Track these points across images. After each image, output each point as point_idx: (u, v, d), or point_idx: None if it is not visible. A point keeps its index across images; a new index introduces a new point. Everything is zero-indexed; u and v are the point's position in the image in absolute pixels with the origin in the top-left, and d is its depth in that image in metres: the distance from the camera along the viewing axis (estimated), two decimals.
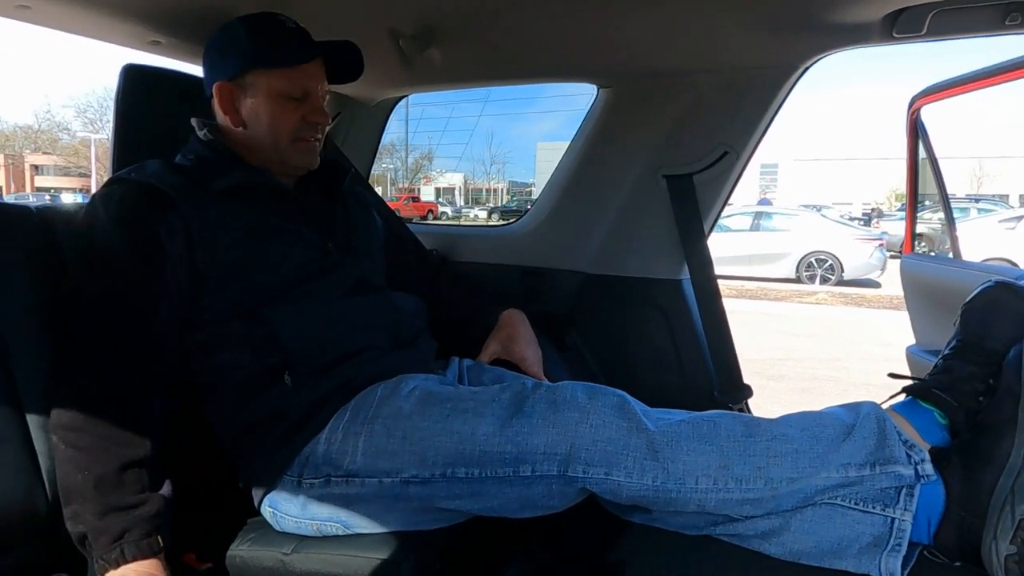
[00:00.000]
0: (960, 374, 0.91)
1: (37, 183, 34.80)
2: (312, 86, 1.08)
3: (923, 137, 2.16)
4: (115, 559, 0.83)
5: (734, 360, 1.51)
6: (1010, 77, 1.64)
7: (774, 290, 9.20)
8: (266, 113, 1.07)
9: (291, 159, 1.10)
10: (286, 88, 1.06)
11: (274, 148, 1.08)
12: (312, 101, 1.09)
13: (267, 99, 1.06)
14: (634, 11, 1.13)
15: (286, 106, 1.07)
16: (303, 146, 1.09)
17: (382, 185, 24.30)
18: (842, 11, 1.09)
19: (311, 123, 1.09)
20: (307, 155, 1.11)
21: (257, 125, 1.08)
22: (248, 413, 0.98)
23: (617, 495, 0.87)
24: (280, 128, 1.07)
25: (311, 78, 1.08)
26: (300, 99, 1.08)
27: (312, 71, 1.08)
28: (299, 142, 1.09)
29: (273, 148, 1.08)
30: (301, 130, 1.08)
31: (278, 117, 1.07)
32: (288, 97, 1.07)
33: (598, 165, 1.61)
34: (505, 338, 1.25)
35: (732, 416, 0.91)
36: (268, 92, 1.06)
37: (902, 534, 0.84)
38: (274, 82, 1.06)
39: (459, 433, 0.89)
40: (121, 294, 0.92)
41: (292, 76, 1.06)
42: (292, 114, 1.07)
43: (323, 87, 1.11)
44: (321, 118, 1.09)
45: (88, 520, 0.84)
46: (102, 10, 1.17)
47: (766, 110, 1.39)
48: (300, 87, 1.07)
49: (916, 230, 2.45)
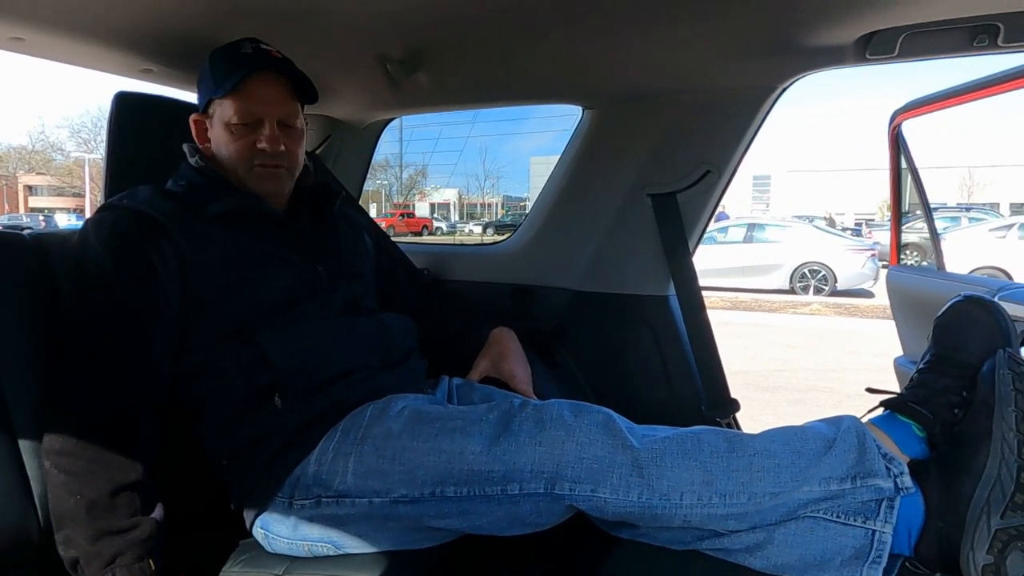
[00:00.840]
0: (935, 387, 0.92)
1: (31, 203, 34.71)
2: (263, 111, 1.07)
3: (905, 151, 2.19)
4: None
5: (721, 375, 1.52)
6: (986, 93, 1.68)
7: (768, 301, 9.23)
8: (222, 142, 1.09)
9: (253, 186, 1.10)
10: (235, 115, 1.07)
11: (235, 175, 1.10)
12: (265, 128, 1.07)
13: (222, 127, 1.08)
14: (616, 36, 1.16)
15: (238, 133, 1.07)
16: (260, 172, 1.09)
17: (377, 201, 24.35)
18: (816, 34, 1.12)
19: (262, 151, 1.07)
20: (266, 181, 1.10)
21: (219, 152, 1.10)
22: (239, 435, 0.99)
23: (603, 512, 0.88)
24: (234, 156, 1.08)
25: (259, 103, 1.07)
26: (251, 125, 1.07)
27: (262, 95, 1.07)
28: (256, 168, 1.09)
29: (235, 175, 1.10)
30: (255, 157, 1.08)
31: (230, 145, 1.08)
32: (240, 124, 1.07)
33: (584, 184, 1.63)
34: (495, 356, 1.26)
35: (715, 432, 0.92)
36: (221, 120, 1.08)
37: (883, 546, 0.85)
38: (225, 110, 1.07)
39: (448, 452, 0.90)
40: (113, 319, 0.94)
41: (240, 103, 1.06)
42: (243, 140, 1.07)
43: (282, 111, 1.09)
44: (271, 144, 1.07)
45: (80, 545, 0.85)
46: (95, 40, 1.19)
47: (746, 129, 1.42)
48: (248, 113, 1.07)
49: (904, 241, 2.48)
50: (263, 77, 1.07)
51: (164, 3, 1.04)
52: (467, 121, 27.23)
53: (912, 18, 1.04)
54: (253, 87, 1.06)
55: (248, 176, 1.09)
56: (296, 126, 1.13)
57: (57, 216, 25.73)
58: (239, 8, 1.07)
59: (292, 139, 1.11)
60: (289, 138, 1.10)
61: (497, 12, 1.06)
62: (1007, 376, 0.85)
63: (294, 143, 1.12)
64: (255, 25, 1.13)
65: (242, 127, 1.07)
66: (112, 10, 1.07)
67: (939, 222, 12.73)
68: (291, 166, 1.13)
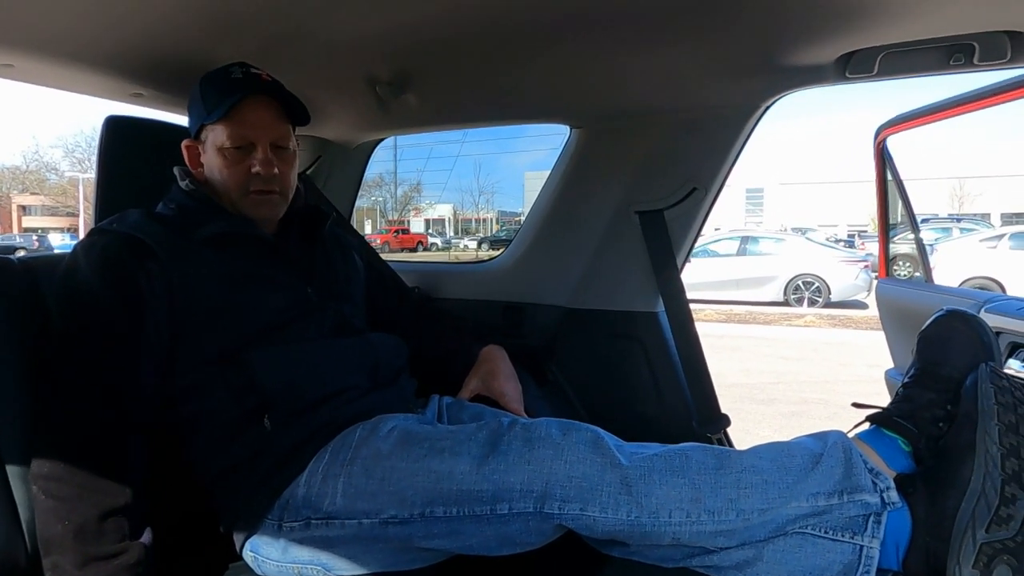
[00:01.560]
0: (920, 401, 0.93)
1: (25, 223, 34.67)
2: (256, 135, 1.08)
3: (890, 164, 2.22)
4: None
5: (711, 390, 1.53)
6: (967, 109, 1.71)
7: (763, 314, 9.26)
8: (216, 167, 1.09)
9: (247, 211, 1.10)
10: (228, 139, 1.07)
11: (229, 200, 1.10)
12: (258, 152, 1.08)
13: (215, 152, 1.08)
14: (602, 57, 1.18)
15: (232, 158, 1.08)
16: (255, 199, 1.10)
17: (372, 218, 24.39)
18: (798, 54, 1.14)
19: (256, 176, 1.08)
20: (260, 207, 1.11)
21: (212, 177, 1.11)
22: (228, 456, 0.98)
23: (593, 530, 0.88)
24: (228, 181, 1.09)
25: (252, 127, 1.07)
26: (244, 149, 1.08)
27: (253, 119, 1.07)
28: (251, 195, 1.09)
29: (228, 201, 1.10)
30: (250, 183, 1.08)
31: (224, 170, 1.08)
32: (233, 148, 1.07)
33: (573, 202, 1.65)
34: (485, 374, 1.26)
35: (703, 448, 0.92)
36: (214, 145, 1.08)
37: (871, 561, 0.85)
38: (217, 135, 1.08)
39: (437, 472, 0.90)
40: (101, 341, 0.94)
41: (232, 128, 1.07)
42: (238, 166, 1.08)
43: (274, 134, 1.09)
44: (264, 168, 1.07)
45: (68, 571, 0.84)
46: (85, 66, 1.20)
47: (732, 147, 1.44)
48: (240, 137, 1.07)
49: (897, 253, 2.50)
50: (255, 101, 1.08)
51: (153, 28, 1.05)
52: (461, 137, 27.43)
53: (890, 38, 1.06)
54: (245, 112, 1.07)
55: (243, 202, 1.10)
56: (289, 148, 1.13)
57: (51, 236, 25.67)
58: (228, 32, 1.09)
59: (285, 162, 1.12)
60: (282, 161, 1.11)
61: (484, 34, 1.08)
62: (989, 390, 0.86)
63: (287, 166, 1.12)
64: (244, 48, 1.15)
65: (235, 151, 1.07)
66: (102, 36, 1.08)
67: (931, 233, 12.84)
68: (284, 190, 1.13)
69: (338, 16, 1.02)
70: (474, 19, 1.01)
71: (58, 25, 1.02)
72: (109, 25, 1.03)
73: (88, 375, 0.92)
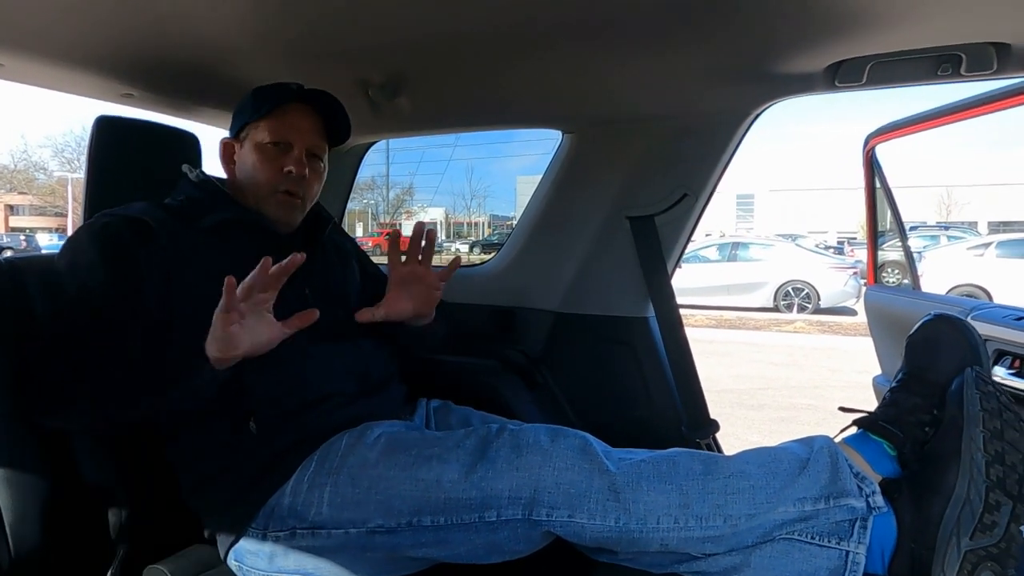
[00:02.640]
0: (906, 406, 0.94)
1: (12, 223, 34.34)
2: (295, 137, 1.12)
3: (879, 173, 2.24)
4: None
5: (700, 395, 1.53)
6: (955, 118, 1.73)
7: (752, 319, 9.30)
8: (249, 162, 1.12)
9: (268, 210, 1.12)
10: (268, 136, 1.11)
11: (254, 196, 1.12)
12: (294, 152, 1.11)
13: (252, 148, 1.12)
14: (594, 63, 1.18)
15: (268, 154, 1.11)
16: (281, 199, 1.12)
17: (363, 221, 24.31)
18: (787, 63, 1.15)
19: (288, 175, 1.10)
20: (282, 209, 1.13)
21: (243, 172, 1.13)
22: (213, 460, 0.98)
23: (581, 537, 0.88)
24: (260, 175, 1.11)
25: (294, 129, 1.12)
26: (282, 147, 1.11)
27: (296, 122, 1.12)
28: (277, 195, 1.11)
29: (254, 196, 1.12)
30: (281, 183, 1.11)
31: (259, 164, 1.11)
32: (271, 144, 1.11)
33: (564, 208, 1.65)
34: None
35: (691, 454, 0.93)
36: (253, 141, 1.12)
37: (856, 566, 0.86)
38: (259, 132, 1.12)
39: (424, 481, 0.90)
40: (97, 309, 0.94)
41: (275, 125, 1.11)
42: (273, 163, 1.11)
43: (312, 142, 1.14)
44: (297, 168, 1.10)
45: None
46: (75, 66, 1.20)
47: (722, 154, 1.45)
48: (280, 135, 1.11)
49: (886, 260, 2.52)
50: (302, 107, 1.14)
51: (144, 29, 1.05)
52: (453, 141, 27.46)
53: (879, 48, 1.07)
54: (291, 114, 1.12)
55: (268, 200, 1.12)
56: (321, 161, 1.17)
57: (39, 236, 25.42)
58: (219, 34, 1.08)
59: (315, 172, 1.16)
60: (312, 171, 1.14)
61: (477, 39, 1.08)
62: (975, 396, 0.86)
63: (315, 176, 1.16)
64: (236, 50, 1.15)
65: (273, 148, 1.11)
66: (92, 36, 1.08)
67: (919, 241, 12.95)
68: (307, 199, 1.16)
69: (331, 19, 1.02)
70: (467, 23, 1.02)
71: (49, 25, 1.02)
72: (100, 25, 1.03)
73: (82, 336, 0.91)
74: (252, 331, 0.88)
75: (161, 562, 0.97)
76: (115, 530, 1.03)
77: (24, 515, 0.94)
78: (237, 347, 0.86)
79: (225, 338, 0.86)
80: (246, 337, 0.87)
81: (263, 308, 0.88)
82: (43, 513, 0.96)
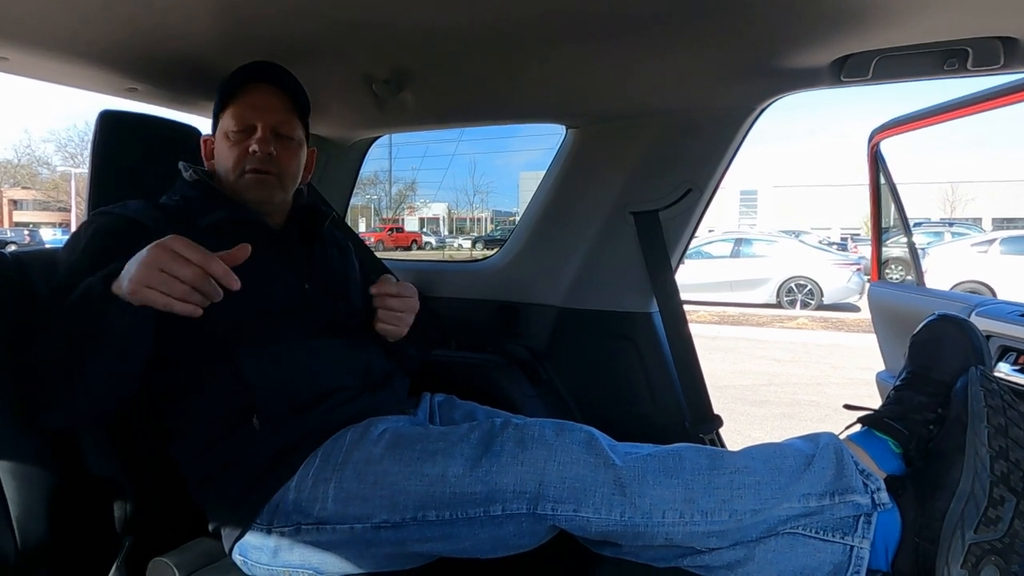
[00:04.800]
0: (911, 404, 0.94)
1: (15, 218, 34.41)
2: (257, 117, 1.12)
3: (884, 168, 2.24)
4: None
5: (704, 391, 1.54)
6: (960, 114, 1.72)
7: (755, 315, 9.29)
8: (220, 151, 1.13)
9: (244, 193, 1.12)
10: (233, 123, 1.12)
11: (230, 185, 1.12)
12: (258, 132, 1.11)
13: (222, 137, 1.13)
14: (599, 57, 1.18)
15: (234, 139, 1.12)
16: (250, 179, 1.11)
17: (366, 216, 24.33)
18: (793, 57, 1.14)
19: (253, 155, 1.10)
20: (255, 188, 1.12)
21: (218, 164, 1.14)
22: (216, 456, 0.98)
23: (586, 531, 0.88)
24: (228, 163, 1.12)
25: (255, 110, 1.12)
26: (246, 131, 1.12)
27: (257, 103, 1.12)
28: (247, 175, 1.11)
29: (229, 185, 1.13)
30: (247, 162, 1.11)
31: (226, 152, 1.12)
32: (236, 131, 1.11)
33: (568, 202, 1.65)
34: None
35: (697, 449, 0.93)
36: (222, 131, 1.13)
37: (861, 562, 0.86)
38: (225, 120, 1.13)
39: (429, 476, 0.90)
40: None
41: (237, 111, 1.12)
42: (238, 147, 1.11)
43: (277, 119, 1.13)
44: (261, 147, 1.10)
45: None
46: (80, 60, 1.20)
47: (726, 149, 1.45)
48: (244, 120, 1.12)
49: (888, 256, 2.51)
50: (260, 87, 1.13)
51: (149, 23, 1.05)
52: (455, 136, 27.43)
53: (885, 42, 1.07)
54: (249, 95, 1.12)
55: (239, 183, 1.12)
56: (293, 137, 1.16)
57: (42, 231, 25.49)
58: (223, 28, 1.09)
59: (286, 149, 1.14)
60: (283, 147, 1.13)
61: (482, 33, 1.08)
62: (979, 393, 0.86)
63: (288, 154, 1.15)
64: (240, 44, 1.15)
65: (238, 134, 1.12)
66: (97, 30, 1.08)
67: (923, 237, 12.91)
68: (282, 174, 1.14)
69: (336, 13, 1.02)
70: (472, 18, 1.01)
71: (53, 19, 1.02)
72: (105, 19, 1.03)
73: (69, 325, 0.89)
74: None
75: (166, 555, 0.97)
76: (120, 523, 1.04)
77: (30, 508, 0.95)
78: (148, 292, 0.83)
79: (150, 277, 0.83)
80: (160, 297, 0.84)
81: (191, 289, 0.85)
82: (49, 506, 0.97)
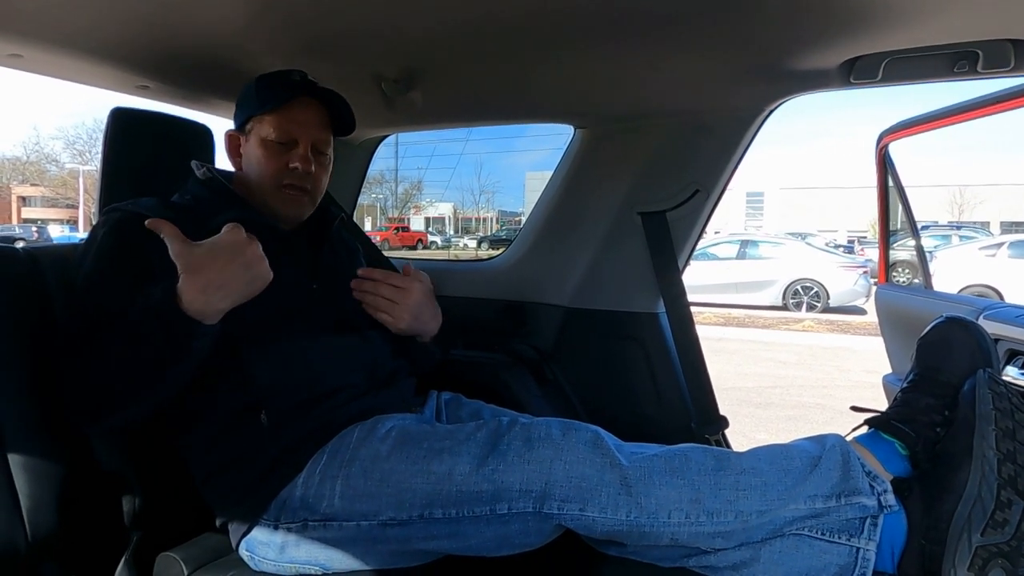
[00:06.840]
0: (918, 406, 0.93)
1: (24, 215, 34.62)
2: (300, 133, 1.12)
3: (892, 171, 2.23)
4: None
5: (710, 392, 1.53)
6: (969, 116, 1.72)
7: (761, 318, 9.27)
8: (255, 157, 1.13)
9: (274, 205, 1.13)
10: (273, 132, 1.11)
11: (260, 192, 1.13)
12: (299, 148, 1.12)
13: (258, 143, 1.12)
14: (608, 58, 1.18)
15: (273, 150, 1.11)
16: (286, 195, 1.13)
17: (372, 215, 24.36)
18: (802, 59, 1.14)
19: (294, 171, 1.11)
20: (289, 205, 1.14)
21: (249, 168, 1.14)
22: (224, 452, 0.99)
23: (592, 530, 0.89)
24: (265, 172, 1.12)
25: (299, 125, 1.12)
26: (287, 145, 1.12)
27: (301, 118, 1.12)
28: (283, 190, 1.12)
29: (260, 191, 1.13)
30: (284, 177, 1.12)
31: (264, 161, 1.12)
32: (276, 142, 1.11)
33: (576, 202, 1.65)
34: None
35: (703, 450, 0.93)
36: (259, 136, 1.12)
37: (867, 563, 0.86)
38: (264, 127, 1.12)
39: (436, 474, 0.90)
40: (111, 278, 0.97)
41: (280, 122, 1.11)
42: (277, 159, 1.11)
43: (317, 136, 1.14)
44: (303, 164, 1.11)
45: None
46: (92, 57, 1.21)
47: (735, 150, 1.45)
48: (286, 133, 1.11)
49: (896, 259, 2.50)
50: (306, 102, 1.14)
51: (161, 22, 1.06)
52: (462, 135, 27.46)
53: (895, 44, 1.06)
54: (295, 109, 1.12)
55: (275, 195, 1.12)
56: (327, 155, 1.18)
57: (50, 227, 25.64)
58: (234, 26, 1.09)
59: (321, 166, 1.16)
60: (319, 165, 1.15)
61: (491, 33, 1.09)
62: (987, 396, 0.86)
63: (322, 170, 1.17)
64: (252, 43, 1.16)
65: (278, 145, 1.12)
66: (110, 28, 1.08)
67: (931, 240, 12.85)
68: (315, 193, 1.17)
69: (346, 13, 1.02)
70: (482, 17, 1.02)
71: (66, 16, 1.02)
72: (117, 17, 1.04)
73: (94, 330, 0.91)
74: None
75: (173, 549, 0.98)
76: (129, 517, 1.05)
77: (41, 501, 0.95)
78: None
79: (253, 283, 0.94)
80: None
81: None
82: (59, 500, 0.98)
